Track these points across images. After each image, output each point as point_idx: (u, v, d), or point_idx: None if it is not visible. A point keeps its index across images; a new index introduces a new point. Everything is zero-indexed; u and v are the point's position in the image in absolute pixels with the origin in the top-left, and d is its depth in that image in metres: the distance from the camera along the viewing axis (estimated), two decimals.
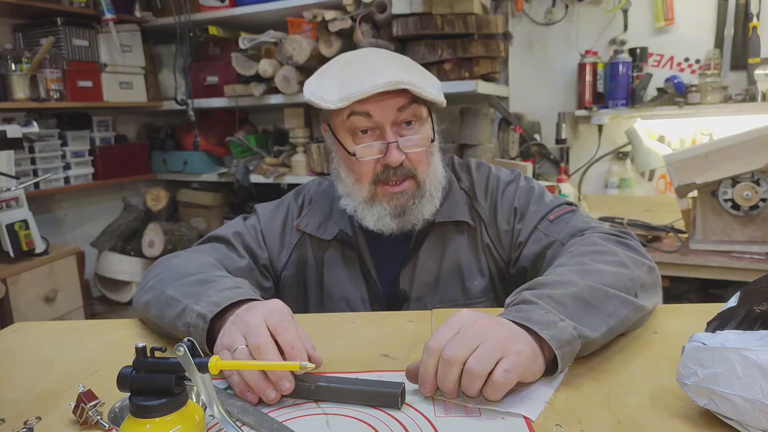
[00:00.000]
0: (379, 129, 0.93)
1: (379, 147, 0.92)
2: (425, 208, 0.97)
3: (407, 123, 0.94)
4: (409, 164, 0.94)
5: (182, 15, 2.68)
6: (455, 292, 1.02)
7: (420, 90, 0.90)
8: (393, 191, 0.95)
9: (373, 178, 0.94)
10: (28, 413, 0.64)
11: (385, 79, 0.88)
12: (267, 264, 1.06)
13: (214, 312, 0.74)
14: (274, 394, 0.64)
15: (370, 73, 0.90)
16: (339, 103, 0.90)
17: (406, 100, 0.92)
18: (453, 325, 0.64)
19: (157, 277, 0.90)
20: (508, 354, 0.60)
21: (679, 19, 2.29)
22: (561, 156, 2.51)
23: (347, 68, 0.95)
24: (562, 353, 0.63)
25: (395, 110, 0.92)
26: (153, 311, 0.85)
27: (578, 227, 0.94)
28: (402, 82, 0.88)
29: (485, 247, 1.03)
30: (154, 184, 3.23)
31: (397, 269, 1.02)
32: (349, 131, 0.94)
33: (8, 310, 1.95)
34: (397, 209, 0.95)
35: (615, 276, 0.76)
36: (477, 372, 0.59)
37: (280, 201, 1.13)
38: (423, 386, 0.62)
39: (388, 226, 0.97)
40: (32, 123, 2.08)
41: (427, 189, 0.96)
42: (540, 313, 0.66)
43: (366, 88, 0.88)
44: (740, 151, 1.77)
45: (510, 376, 0.59)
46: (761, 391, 0.49)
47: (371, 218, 0.97)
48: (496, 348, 0.60)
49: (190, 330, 0.75)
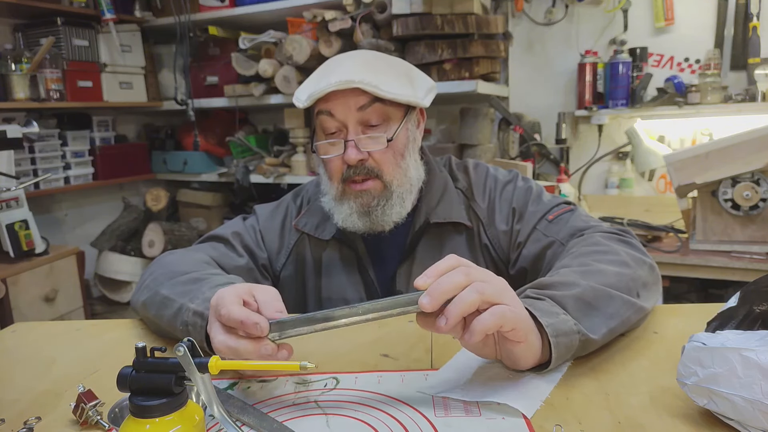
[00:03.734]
0: (345, 128, 0.94)
1: (340, 145, 0.94)
2: (393, 211, 0.96)
3: (375, 124, 0.94)
4: (372, 164, 0.94)
5: (182, 15, 2.68)
6: None
7: (373, 89, 0.90)
8: (357, 189, 0.95)
9: (341, 176, 0.96)
10: (28, 413, 0.64)
11: (338, 78, 0.90)
12: (266, 264, 1.07)
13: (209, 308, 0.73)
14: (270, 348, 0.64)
15: (332, 73, 0.92)
16: (305, 102, 0.94)
17: (366, 100, 0.92)
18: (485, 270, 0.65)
19: (152, 276, 0.90)
20: (514, 306, 0.61)
21: (679, 19, 2.29)
22: (561, 156, 2.51)
23: (324, 68, 0.98)
24: (557, 342, 0.63)
25: (356, 109, 0.92)
26: (151, 311, 0.85)
27: (577, 227, 0.94)
28: (353, 80, 0.89)
29: (483, 247, 1.03)
30: (154, 184, 3.23)
31: (394, 269, 1.02)
32: (320, 129, 0.97)
33: (8, 310, 1.95)
34: (362, 208, 0.95)
35: (617, 276, 0.76)
36: (481, 288, 0.59)
37: (279, 201, 1.14)
38: (424, 276, 0.61)
39: (355, 225, 0.97)
40: (32, 123, 2.08)
41: (394, 191, 0.96)
42: (544, 304, 0.67)
43: (321, 87, 0.91)
44: (740, 151, 1.77)
45: (510, 314, 0.60)
46: (761, 391, 0.49)
47: (340, 215, 0.98)
48: (506, 294, 0.62)
49: (188, 328, 0.75)
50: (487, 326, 0.59)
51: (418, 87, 0.98)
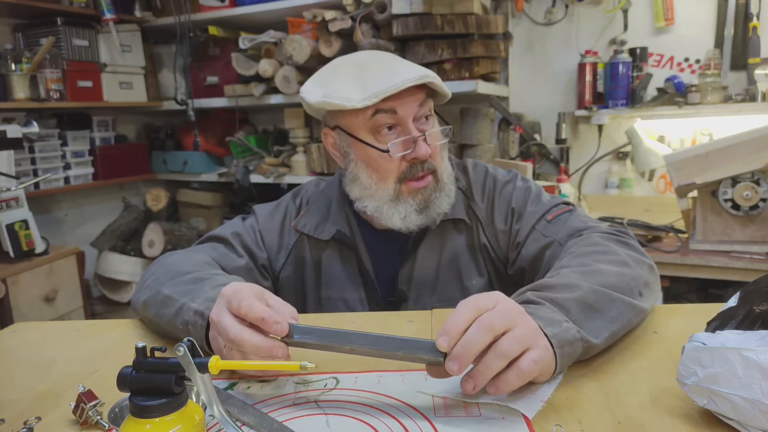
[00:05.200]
0: (401, 125, 0.93)
1: (406, 142, 0.93)
2: (444, 202, 0.98)
3: (425, 118, 0.95)
4: (431, 159, 0.95)
5: (182, 15, 2.68)
6: (454, 292, 1.02)
7: (441, 84, 0.93)
8: (417, 186, 0.95)
9: (397, 175, 0.94)
10: (28, 413, 0.64)
11: (413, 74, 0.89)
12: (266, 264, 1.06)
13: (210, 308, 0.73)
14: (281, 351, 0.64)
15: (393, 70, 0.91)
16: (366, 101, 0.89)
17: (424, 96, 0.94)
18: (491, 296, 0.62)
19: (153, 276, 0.90)
20: (537, 347, 0.60)
21: (679, 19, 2.29)
22: (561, 156, 2.51)
23: (362, 69, 0.94)
24: (561, 353, 0.63)
25: (417, 105, 0.93)
26: (151, 311, 0.85)
27: (576, 227, 0.94)
28: (428, 75, 0.91)
29: (482, 247, 1.03)
30: (154, 184, 3.23)
31: (395, 269, 1.02)
32: (372, 130, 0.93)
33: (8, 310, 1.95)
34: (421, 204, 0.96)
35: (618, 276, 0.76)
36: (507, 351, 0.58)
37: (278, 202, 1.13)
38: (443, 335, 0.58)
39: (413, 222, 0.97)
40: (32, 123, 2.08)
41: (444, 182, 0.98)
42: (545, 311, 0.66)
43: (397, 83, 0.88)
44: (740, 151, 1.77)
45: (536, 367, 0.59)
46: (761, 391, 0.49)
47: (398, 217, 0.96)
48: (528, 336, 0.60)
49: (188, 328, 0.75)
50: (513, 387, 0.59)
51: None
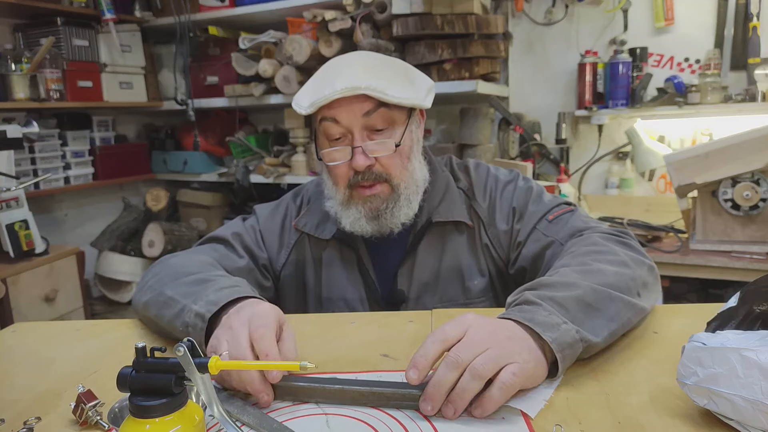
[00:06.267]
0: (350, 134, 0.93)
1: (347, 151, 0.93)
2: (401, 213, 0.96)
3: (380, 128, 0.93)
4: (380, 168, 0.94)
5: (182, 15, 2.68)
6: (455, 292, 1.02)
7: (380, 95, 0.89)
8: (365, 194, 0.95)
9: (347, 181, 0.95)
10: (28, 413, 0.64)
11: (343, 85, 0.88)
12: (266, 264, 1.06)
13: (212, 311, 0.73)
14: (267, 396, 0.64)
15: (335, 79, 0.90)
16: (308, 109, 0.92)
17: (372, 105, 0.91)
18: (461, 323, 0.63)
19: (156, 277, 0.90)
20: (514, 361, 0.60)
21: (679, 19, 2.29)
22: (561, 156, 2.51)
23: (323, 73, 0.97)
24: (563, 356, 0.63)
25: (361, 115, 0.91)
26: (152, 311, 0.85)
27: (577, 227, 0.94)
28: (359, 87, 0.88)
29: (484, 246, 1.03)
30: (154, 184, 3.23)
31: (394, 269, 1.02)
32: (324, 136, 0.96)
33: (8, 310, 1.95)
34: (371, 212, 0.95)
35: (617, 276, 0.76)
36: (481, 371, 0.58)
37: (278, 201, 1.13)
38: (413, 368, 0.60)
39: (363, 229, 0.97)
40: (32, 123, 2.08)
41: (401, 193, 0.96)
42: (543, 314, 0.66)
43: (326, 95, 0.89)
44: (740, 151, 1.77)
45: (517, 379, 0.59)
46: (761, 391, 0.49)
47: (347, 220, 0.97)
48: (501, 354, 0.60)
49: (188, 330, 0.75)
50: (498, 402, 0.59)
51: (419, 88, 0.97)
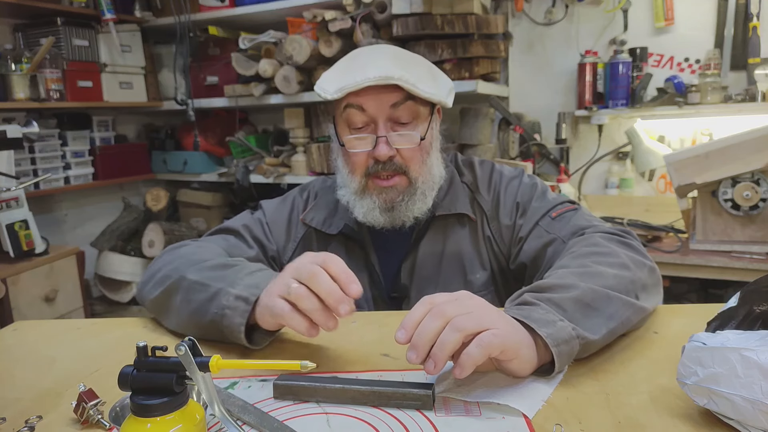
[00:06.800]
0: (374, 123, 0.93)
1: (370, 140, 0.93)
2: (416, 207, 0.97)
3: (405, 120, 0.94)
4: (400, 160, 0.94)
5: (182, 15, 2.68)
6: (457, 286, 1.02)
7: (412, 87, 0.90)
8: (383, 185, 0.95)
9: (365, 170, 0.95)
10: (29, 412, 0.64)
11: (376, 73, 0.89)
12: (275, 255, 1.08)
13: (256, 294, 0.74)
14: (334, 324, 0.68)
15: (367, 66, 0.91)
16: (335, 94, 0.92)
17: (400, 97, 0.92)
18: (453, 294, 0.65)
19: (170, 266, 0.89)
20: (497, 327, 0.60)
21: (679, 19, 2.29)
22: (561, 156, 2.51)
23: (351, 61, 0.97)
24: (558, 351, 0.63)
25: (389, 106, 0.92)
26: (175, 298, 0.84)
27: (580, 225, 0.94)
28: (392, 77, 0.89)
29: (486, 239, 1.03)
30: (154, 184, 3.23)
31: (398, 263, 1.03)
32: (345, 123, 0.96)
33: (8, 310, 1.95)
34: (386, 204, 0.96)
35: (616, 278, 0.76)
36: (459, 325, 0.59)
37: (284, 196, 1.14)
38: (401, 329, 0.62)
39: (377, 220, 0.97)
40: (32, 123, 2.08)
41: (418, 188, 0.97)
42: (540, 312, 0.66)
43: (357, 81, 0.89)
44: (740, 151, 1.77)
45: (496, 340, 0.59)
46: (761, 390, 0.49)
47: (360, 210, 0.98)
48: (486, 319, 0.61)
49: (225, 312, 0.75)
50: (476, 359, 0.59)
51: (442, 86, 0.98)
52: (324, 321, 0.68)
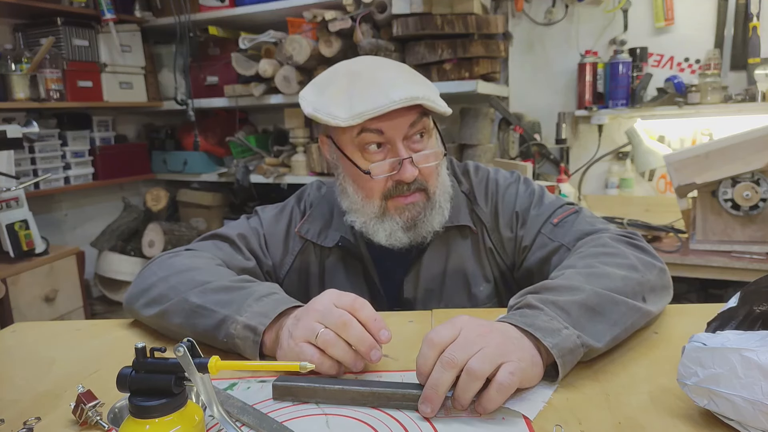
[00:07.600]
0: (390, 144, 0.90)
1: (391, 164, 0.89)
2: (435, 220, 0.95)
3: (418, 136, 0.92)
4: (421, 178, 0.91)
5: (182, 15, 2.68)
6: (461, 299, 1.01)
7: (433, 104, 0.88)
8: (404, 203, 0.92)
9: (383, 193, 0.92)
10: (28, 413, 0.64)
11: (400, 95, 0.84)
12: (270, 270, 1.04)
13: (265, 324, 0.72)
14: (362, 364, 0.68)
15: (382, 88, 0.86)
16: (351, 120, 0.85)
17: (417, 115, 0.89)
18: (455, 324, 0.63)
19: (167, 283, 0.85)
20: (510, 360, 0.60)
21: (679, 19, 2.29)
22: (561, 156, 2.51)
23: (354, 82, 0.90)
24: (563, 361, 0.63)
25: (407, 126, 0.89)
26: (175, 320, 0.81)
27: (584, 230, 0.92)
28: (417, 97, 0.85)
29: (488, 251, 1.01)
30: (154, 184, 3.23)
31: (400, 277, 1.00)
32: (359, 147, 0.91)
33: (8, 310, 1.95)
34: (408, 222, 0.93)
35: (624, 280, 0.75)
36: (478, 371, 0.58)
37: (282, 205, 1.10)
38: (419, 376, 0.62)
39: (400, 240, 0.94)
40: (32, 123, 2.08)
41: (436, 200, 0.94)
42: (544, 319, 0.65)
43: (381, 105, 0.84)
44: (740, 151, 1.77)
45: (514, 378, 0.58)
46: (761, 391, 0.49)
47: (383, 233, 0.94)
48: (496, 353, 0.60)
49: (236, 341, 0.73)
50: (498, 403, 0.59)
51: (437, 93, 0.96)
52: (353, 364, 0.68)
